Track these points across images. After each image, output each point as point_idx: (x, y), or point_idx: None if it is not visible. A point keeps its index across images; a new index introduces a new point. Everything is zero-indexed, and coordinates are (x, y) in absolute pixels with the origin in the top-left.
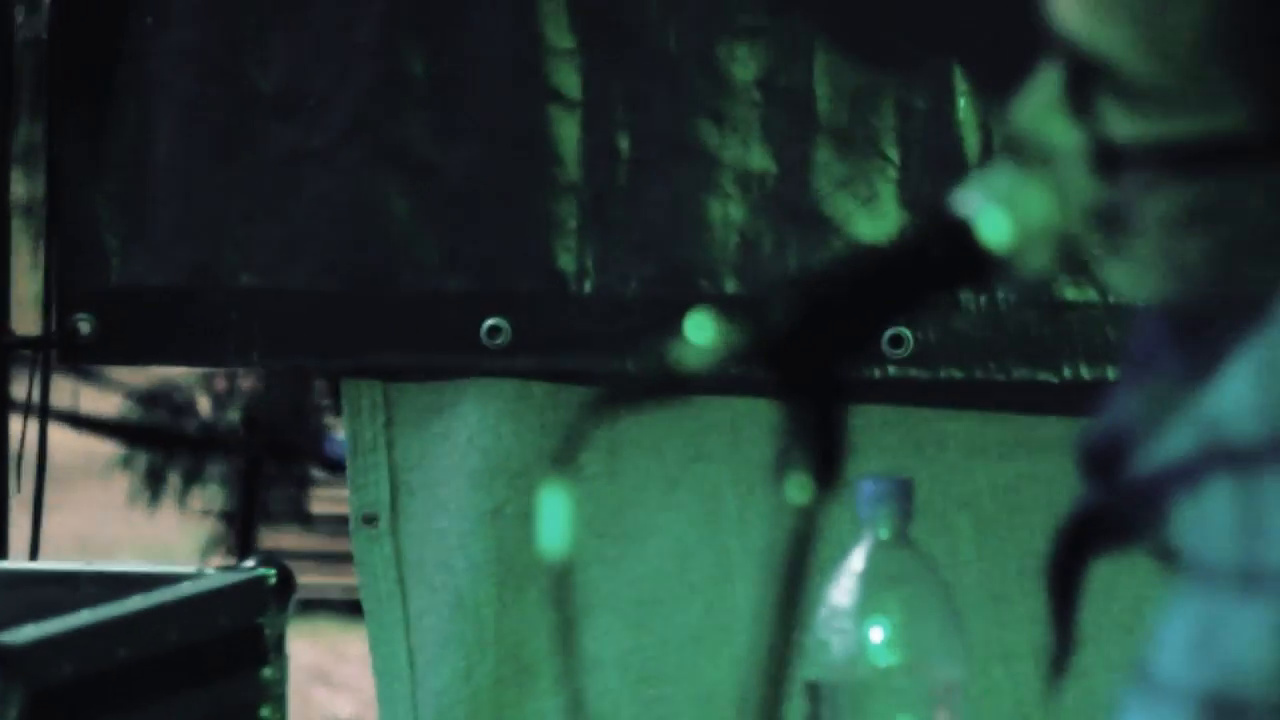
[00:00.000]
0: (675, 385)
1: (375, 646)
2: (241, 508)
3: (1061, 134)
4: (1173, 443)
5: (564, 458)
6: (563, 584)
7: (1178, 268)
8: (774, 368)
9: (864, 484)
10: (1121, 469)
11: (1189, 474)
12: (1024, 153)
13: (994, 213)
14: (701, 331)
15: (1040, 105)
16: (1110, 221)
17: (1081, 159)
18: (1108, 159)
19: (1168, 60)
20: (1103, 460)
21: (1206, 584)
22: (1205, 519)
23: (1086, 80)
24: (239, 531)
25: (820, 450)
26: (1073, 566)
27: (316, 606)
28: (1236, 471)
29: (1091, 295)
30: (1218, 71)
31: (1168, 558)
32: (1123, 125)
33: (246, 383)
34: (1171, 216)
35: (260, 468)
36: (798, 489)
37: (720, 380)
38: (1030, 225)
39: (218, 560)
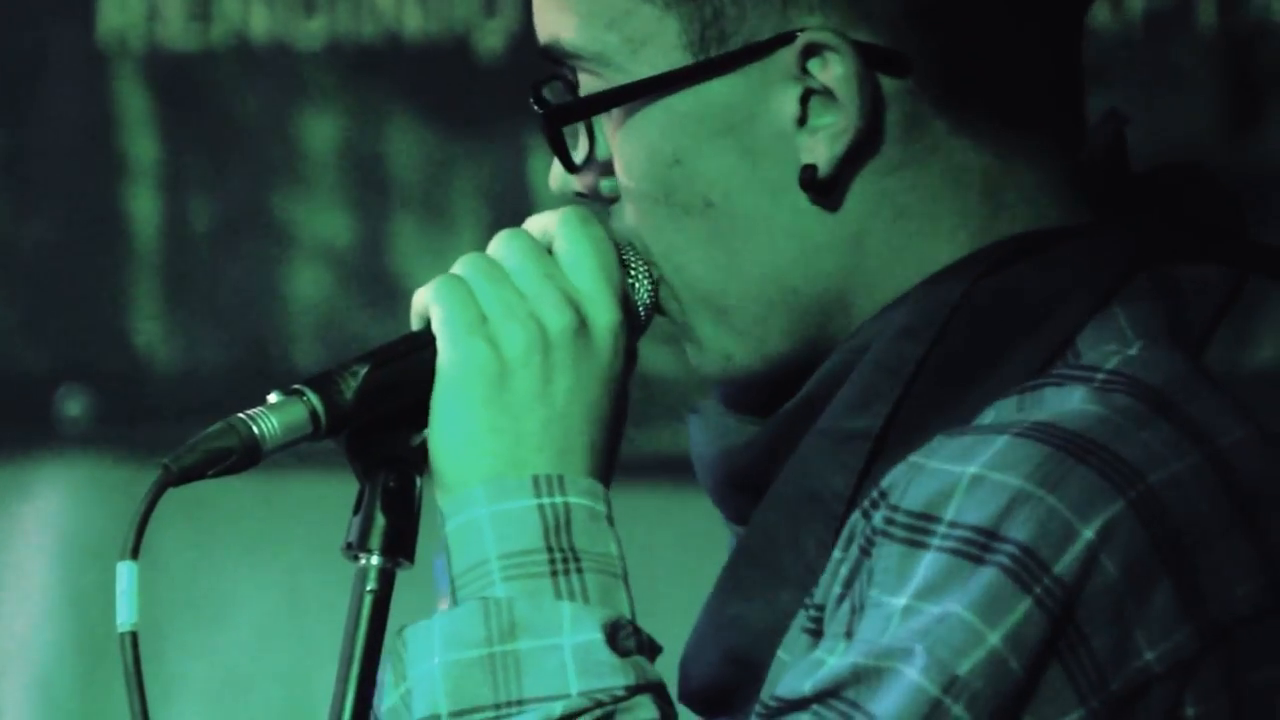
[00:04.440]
0: (246, 459)
1: None
2: None
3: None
4: None
5: (130, 536)
6: (137, 669)
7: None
8: (344, 443)
9: (441, 558)
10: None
11: None
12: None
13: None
14: (274, 407)
15: None
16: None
17: None
18: None
19: None
20: (745, 482)
21: None
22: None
23: None
24: None
25: (391, 524)
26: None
27: None
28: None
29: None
30: None
31: None
32: None
33: None
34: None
35: None
36: (367, 563)
37: (298, 455)
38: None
39: None
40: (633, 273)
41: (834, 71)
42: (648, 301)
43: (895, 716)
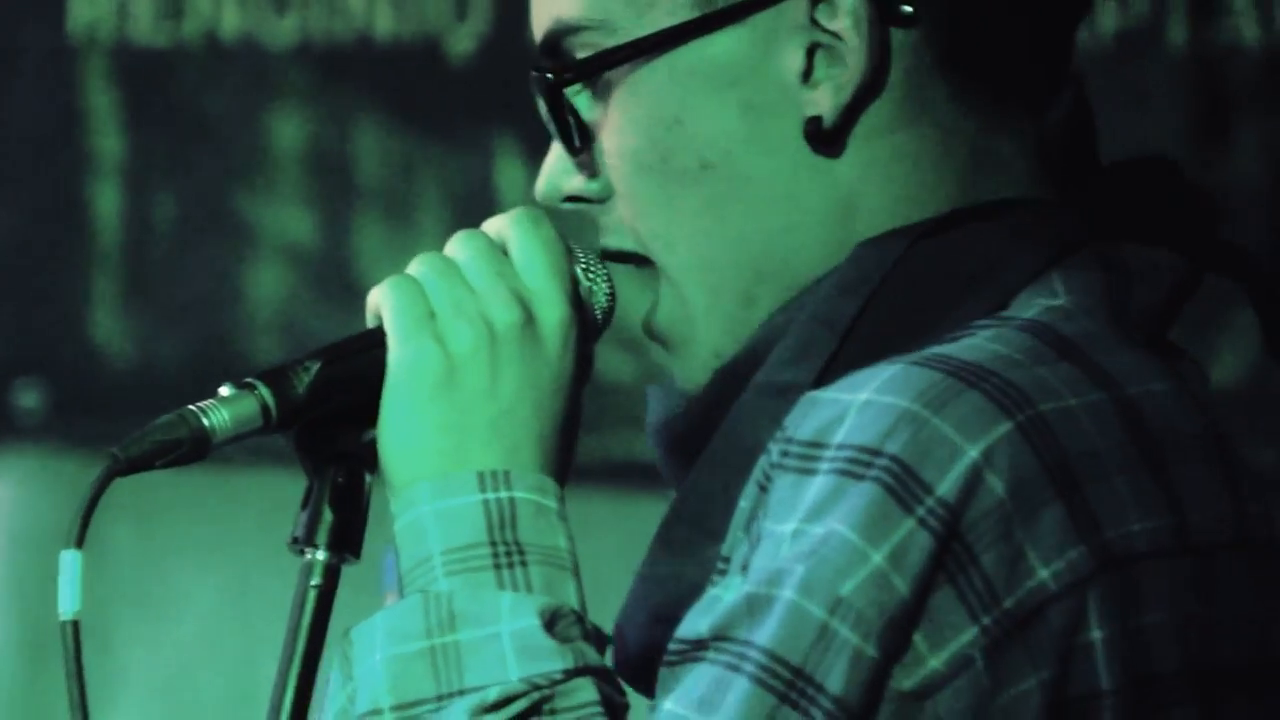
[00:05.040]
0: (195, 450)
1: None
2: None
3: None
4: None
5: (75, 525)
6: (77, 658)
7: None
8: (294, 438)
9: (389, 555)
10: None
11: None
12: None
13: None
14: (225, 400)
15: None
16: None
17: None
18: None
19: None
20: (685, 445)
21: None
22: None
23: None
24: None
25: (338, 519)
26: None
27: None
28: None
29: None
30: None
31: None
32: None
33: None
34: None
35: None
36: (313, 558)
37: (248, 449)
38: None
39: None
40: (591, 276)
41: (843, 19)
42: (605, 305)
43: (783, 640)
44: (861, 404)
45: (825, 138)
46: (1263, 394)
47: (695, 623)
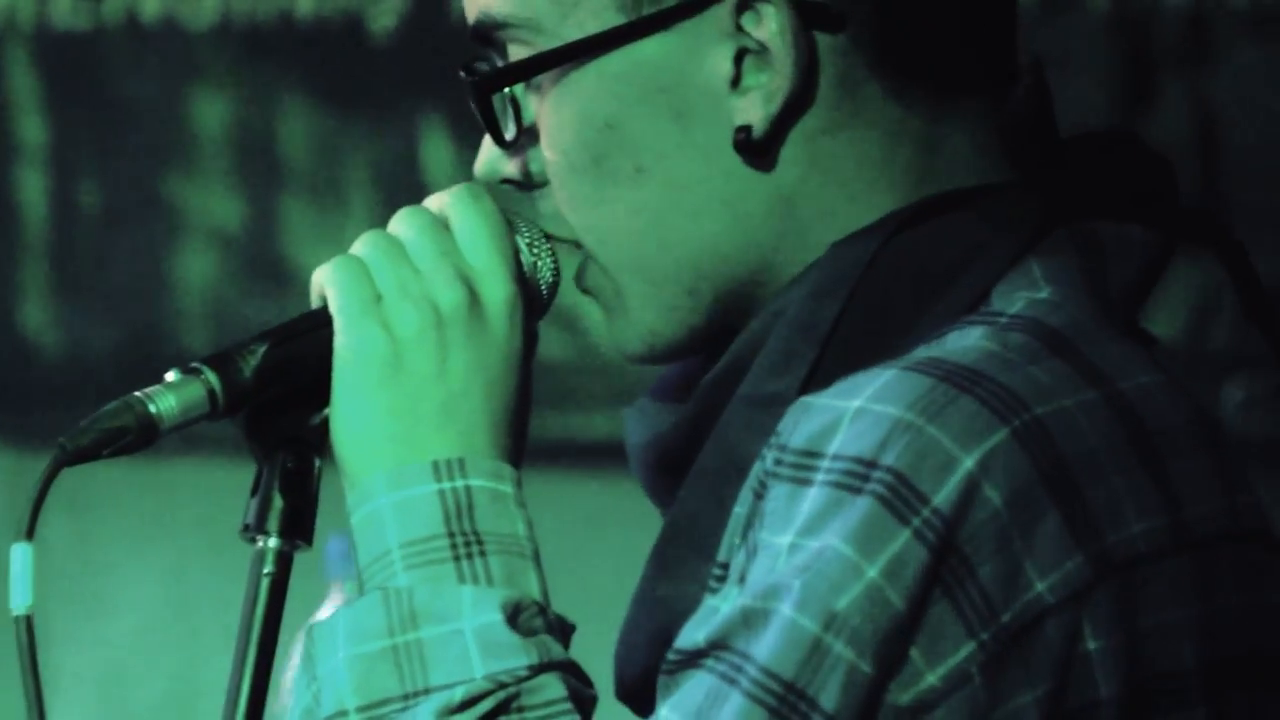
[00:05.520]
0: (142, 438)
1: None
2: None
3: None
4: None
5: (25, 518)
6: (31, 653)
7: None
8: (242, 423)
9: (332, 542)
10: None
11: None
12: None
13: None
14: (171, 386)
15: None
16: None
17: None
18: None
19: None
20: (673, 463)
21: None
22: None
23: None
24: None
25: (289, 505)
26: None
27: None
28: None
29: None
30: None
31: None
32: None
33: None
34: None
35: None
36: (265, 545)
37: (185, 439)
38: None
39: None
40: (535, 251)
41: (768, 26)
42: (550, 280)
43: (777, 656)
44: (855, 412)
45: (756, 148)
46: (1196, 354)
47: (693, 633)
